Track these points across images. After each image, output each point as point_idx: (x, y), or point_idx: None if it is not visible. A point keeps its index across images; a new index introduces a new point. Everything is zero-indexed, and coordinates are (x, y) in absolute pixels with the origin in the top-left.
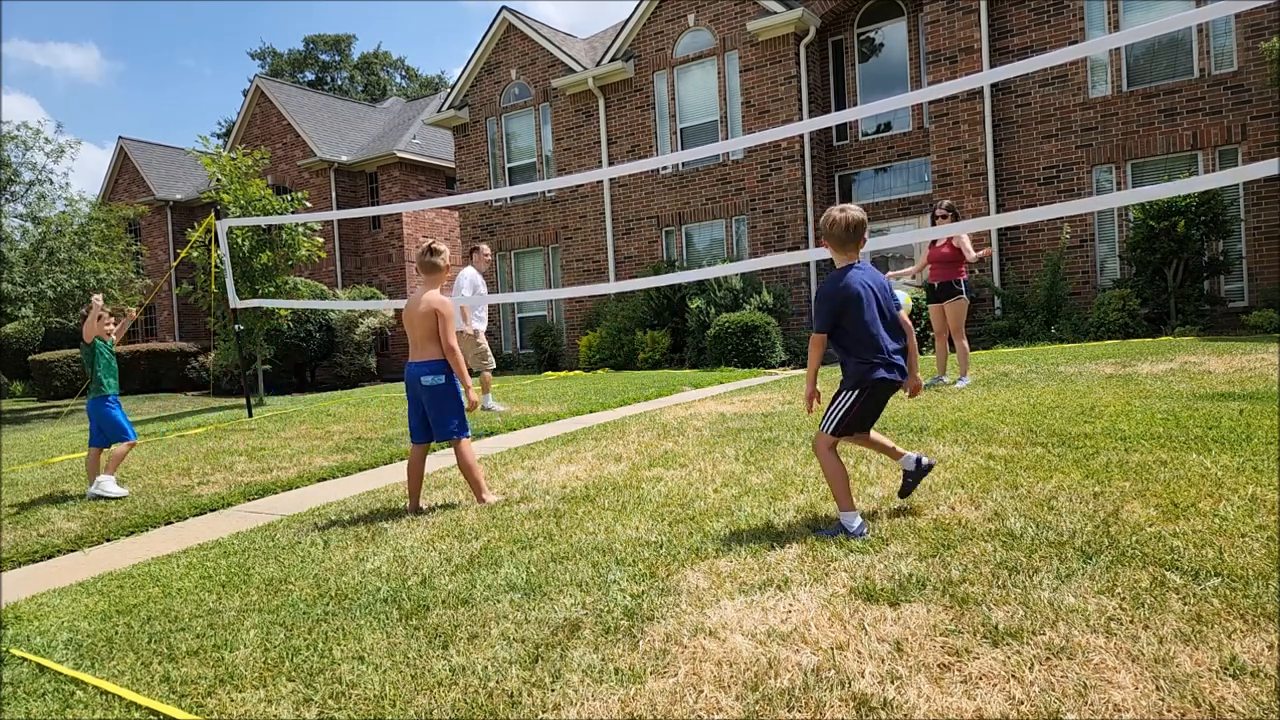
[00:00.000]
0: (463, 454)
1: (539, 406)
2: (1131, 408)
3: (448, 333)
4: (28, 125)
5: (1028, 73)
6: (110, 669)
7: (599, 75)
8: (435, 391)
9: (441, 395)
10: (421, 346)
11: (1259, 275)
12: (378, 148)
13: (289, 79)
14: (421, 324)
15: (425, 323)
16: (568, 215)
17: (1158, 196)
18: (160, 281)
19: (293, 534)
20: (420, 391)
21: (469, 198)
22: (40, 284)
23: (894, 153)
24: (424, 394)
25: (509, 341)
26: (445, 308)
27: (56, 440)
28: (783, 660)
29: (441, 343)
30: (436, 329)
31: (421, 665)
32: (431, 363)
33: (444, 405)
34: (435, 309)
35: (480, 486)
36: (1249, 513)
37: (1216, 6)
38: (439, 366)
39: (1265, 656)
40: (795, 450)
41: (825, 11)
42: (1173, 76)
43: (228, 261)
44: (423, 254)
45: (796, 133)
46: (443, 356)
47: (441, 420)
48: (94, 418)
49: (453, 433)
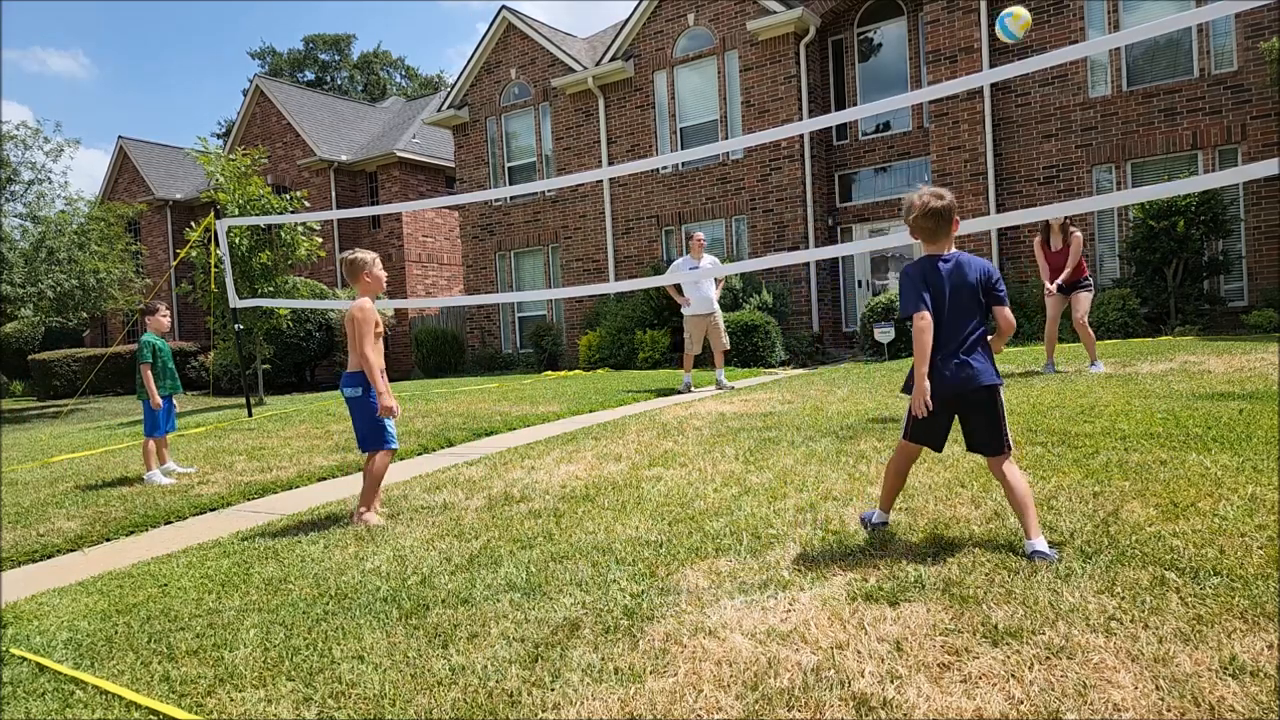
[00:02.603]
0: (376, 463)
1: (539, 406)
2: (1131, 407)
3: (363, 340)
4: (27, 125)
5: (1028, 72)
6: (110, 668)
7: (599, 75)
8: (352, 404)
9: (355, 407)
10: (350, 353)
11: (1259, 275)
12: (377, 147)
13: (289, 78)
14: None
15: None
16: (568, 215)
17: (1158, 196)
18: (160, 281)
19: (293, 533)
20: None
21: (469, 197)
22: (40, 283)
23: (894, 152)
24: (348, 406)
25: (509, 341)
26: (362, 312)
27: (56, 440)
28: (782, 660)
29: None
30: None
31: (421, 665)
32: (351, 374)
33: (359, 417)
34: (352, 315)
35: (369, 499)
36: (1249, 512)
37: (1216, 6)
38: (358, 378)
39: (1265, 656)
40: (795, 450)
41: (825, 11)
42: (1173, 76)
43: (227, 261)
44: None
45: (796, 133)
46: (360, 368)
47: (358, 432)
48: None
49: (371, 444)
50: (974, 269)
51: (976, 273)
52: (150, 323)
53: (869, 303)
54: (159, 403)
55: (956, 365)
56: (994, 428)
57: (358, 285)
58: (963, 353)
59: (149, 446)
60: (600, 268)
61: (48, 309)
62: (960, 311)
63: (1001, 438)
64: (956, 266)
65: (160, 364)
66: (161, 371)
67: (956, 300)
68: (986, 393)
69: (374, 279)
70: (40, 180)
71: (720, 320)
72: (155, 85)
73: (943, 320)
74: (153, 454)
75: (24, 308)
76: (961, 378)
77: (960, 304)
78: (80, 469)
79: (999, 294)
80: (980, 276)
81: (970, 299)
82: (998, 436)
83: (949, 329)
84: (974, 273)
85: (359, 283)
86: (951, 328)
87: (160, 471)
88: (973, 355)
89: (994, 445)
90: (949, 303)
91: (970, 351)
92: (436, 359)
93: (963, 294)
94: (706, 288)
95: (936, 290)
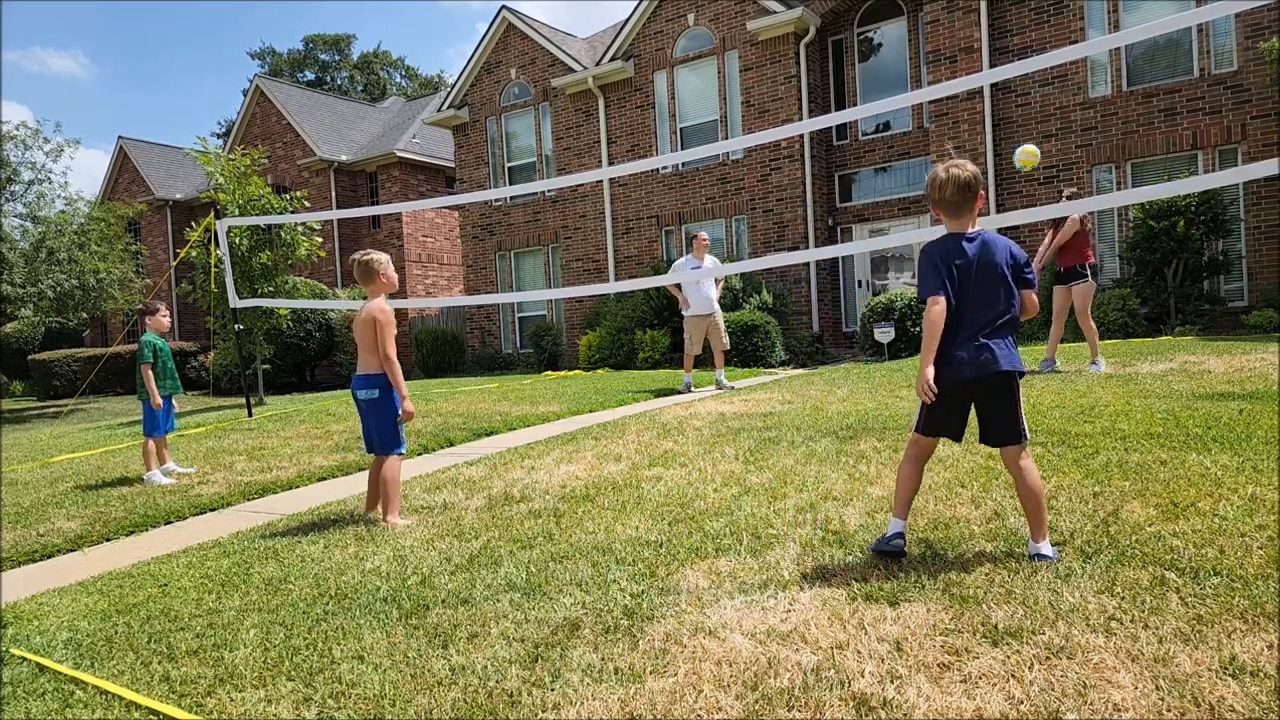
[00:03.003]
0: (389, 466)
1: (539, 406)
2: (1131, 407)
3: (387, 342)
4: (27, 125)
5: (1028, 73)
6: (110, 668)
7: (599, 75)
8: (370, 406)
9: (375, 409)
10: (362, 356)
11: (1259, 275)
12: (377, 147)
13: (289, 78)
14: (364, 332)
15: (364, 332)
16: (567, 215)
17: (1158, 196)
18: (160, 281)
19: (292, 533)
20: (359, 405)
21: (469, 197)
22: (40, 283)
23: (894, 152)
24: (361, 407)
25: (508, 341)
26: (384, 314)
27: (56, 440)
28: (782, 660)
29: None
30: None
31: (421, 665)
32: (367, 375)
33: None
34: (374, 317)
35: (392, 504)
36: (1249, 512)
37: (1216, 6)
38: (376, 380)
39: (1265, 656)
40: (795, 450)
41: (825, 11)
42: (1173, 76)
43: (227, 261)
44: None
45: (796, 133)
46: (380, 370)
47: (372, 434)
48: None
49: (386, 446)
50: (1001, 248)
51: (1004, 253)
52: (150, 323)
53: (869, 303)
54: (159, 403)
55: (976, 348)
56: (1010, 416)
57: (371, 286)
58: (984, 336)
59: (149, 446)
60: (600, 268)
61: (48, 309)
62: (985, 293)
63: (1018, 428)
64: (983, 245)
65: (160, 364)
66: (162, 371)
67: (982, 281)
68: (1005, 379)
69: (388, 280)
70: (40, 180)
71: (720, 320)
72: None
73: (968, 301)
74: (152, 454)
75: (24, 308)
76: (980, 360)
77: (985, 285)
78: (80, 469)
79: (1028, 276)
80: (1008, 257)
81: (996, 280)
82: (1014, 427)
83: (974, 311)
84: (1001, 253)
85: (374, 283)
86: (976, 309)
87: (160, 471)
88: (995, 339)
89: (1010, 435)
90: (974, 283)
91: (993, 335)
92: (436, 359)
93: (989, 274)
94: (707, 288)
95: (961, 270)
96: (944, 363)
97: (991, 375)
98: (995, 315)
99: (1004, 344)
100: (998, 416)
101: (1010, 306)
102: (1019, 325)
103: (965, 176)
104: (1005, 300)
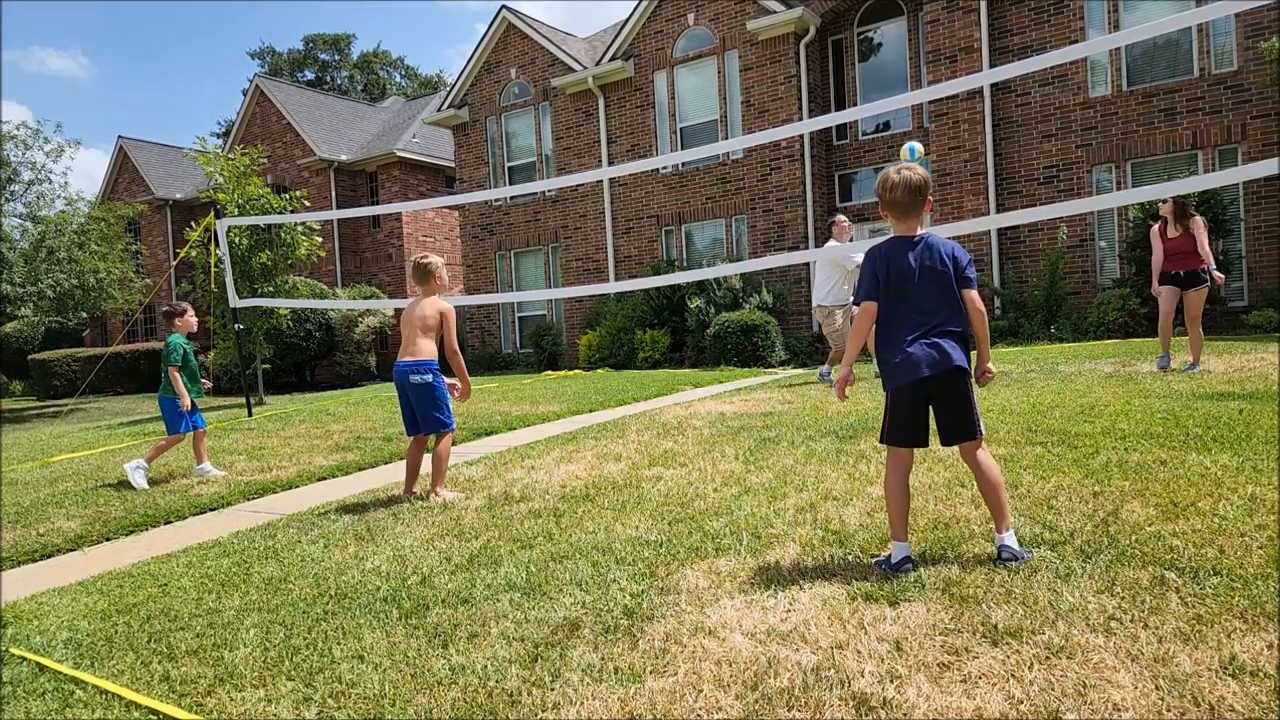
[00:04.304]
0: (443, 444)
1: (539, 406)
2: (1131, 407)
3: (452, 335)
4: (27, 125)
5: (1028, 72)
6: (110, 668)
7: (599, 74)
8: (422, 389)
9: (428, 391)
10: (413, 344)
11: (1259, 275)
12: (377, 147)
13: (288, 78)
14: (422, 324)
15: (428, 324)
16: (567, 215)
17: (1158, 196)
18: (160, 281)
19: (292, 533)
20: (408, 389)
21: (469, 197)
22: (40, 283)
23: (894, 152)
24: (411, 391)
25: (509, 341)
26: (450, 313)
27: (56, 440)
28: (782, 659)
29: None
30: (437, 331)
31: (421, 664)
32: (420, 361)
33: (431, 401)
34: (443, 313)
35: (441, 478)
36: (1249, 512)
37: (1216, 6)
38: (427, 365)
39: (1265, 656)
40: (795, 450)
41: (825, 11)
42: (1172, 76)
43: (227, 261)
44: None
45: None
46: (430, 356)
47: (428, 415)
48: None
49: (442, 424)
50: (943, 251)
51: (945, 255)
52: (179, 324)
53: None
54: (189, 404)
55: (930, 345)
56: (965, 413)
57: (427, 285)
58: (934, 335)
59: (164, 445)
60: (600, 268)
61: (48, 309)
62: (929, 295)
63: (973, 423)
64: (926, 248)
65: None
66: (192, 374)
67: (925, 283)
68: (959, 375)
69: (442, 281)
70: (40, 180)
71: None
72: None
73: (910, 304)
74: (164, 451)
75: (24, 307)
76: (933, 359)
77: (929, 287)
78: (80, 469)
79: (968, 277)
80: (949, 259)
81: (940, 282)
82: (970, 422)
83: (918, 313)
84: (942, 255)
85: (429, 283)
86: (921, 312)
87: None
88: (945, 339)
89: (967, 432)
90: (916, 286)
91: (943, 336)
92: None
93: (932, 277)
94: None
95: (903, 273)
96: (903, 362)
97: (947, 371)
98: (943, 319)
99: (954, 344)
100: (954, 414)
101: (958, 310)
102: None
103: (916, 180)
104: (952, 303)
